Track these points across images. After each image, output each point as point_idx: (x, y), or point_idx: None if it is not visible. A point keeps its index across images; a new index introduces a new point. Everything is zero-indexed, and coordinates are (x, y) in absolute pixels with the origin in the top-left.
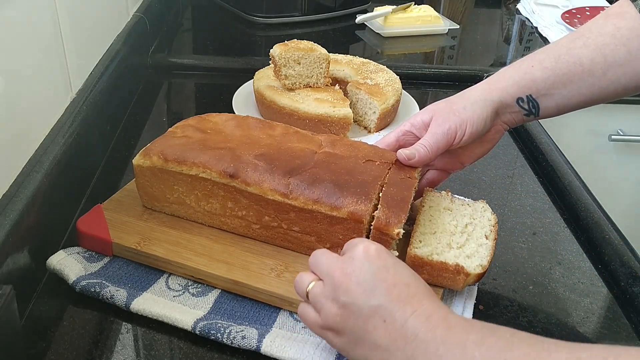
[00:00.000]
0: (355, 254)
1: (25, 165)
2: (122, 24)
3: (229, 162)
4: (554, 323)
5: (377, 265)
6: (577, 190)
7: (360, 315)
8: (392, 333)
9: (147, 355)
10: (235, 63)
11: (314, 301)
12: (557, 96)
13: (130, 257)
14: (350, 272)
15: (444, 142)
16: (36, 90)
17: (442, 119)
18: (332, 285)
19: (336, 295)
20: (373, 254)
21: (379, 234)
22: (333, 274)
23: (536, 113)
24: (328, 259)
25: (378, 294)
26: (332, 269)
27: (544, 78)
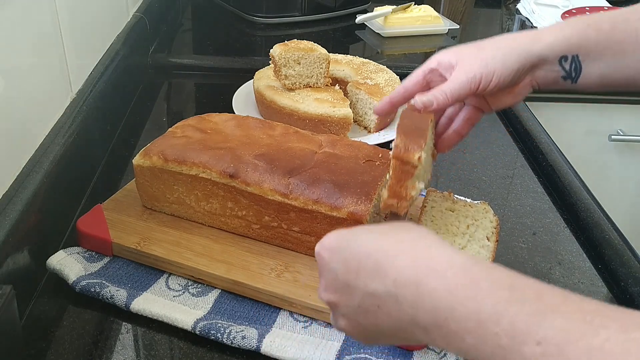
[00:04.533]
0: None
1: (25, 165)
2: (122, 24)
3: (229, 162)
4: None
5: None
6: (577, 190)
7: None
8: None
9: (147, 355)
10: (235, 63)
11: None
12: (604, 64)
13: (130, 257)
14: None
15: (465, 91)
16: (36, 90)
17: (468, 65)
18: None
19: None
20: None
21: (399, 164)
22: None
23: (575, 78)
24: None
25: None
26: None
27: (597, 41)
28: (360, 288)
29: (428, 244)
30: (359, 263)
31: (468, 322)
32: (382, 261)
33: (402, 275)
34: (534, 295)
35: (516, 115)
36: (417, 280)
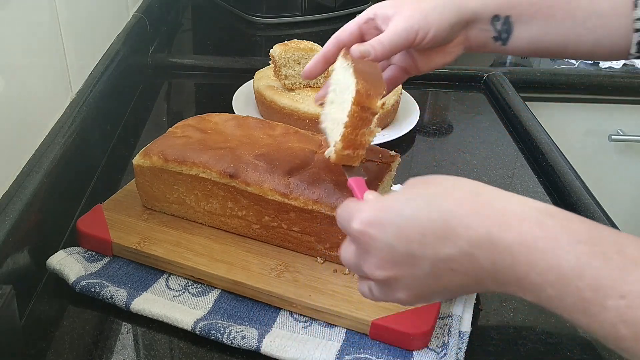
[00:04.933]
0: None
1: (25, 165)
2: (122, 24)
3: (229, 162)
4: (554, 323)
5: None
6: (577, 190)
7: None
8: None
9: (147, 355)
10: (235, 63)
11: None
12: (534, 28)
13: (130, 257)
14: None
15: (402, 41)
16: (36, 90)
17: (407, 15)
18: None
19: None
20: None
21: (359, 111)
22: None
23: (505, 41)
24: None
25: (417, 257)
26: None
27: (530, 3)
28: (429, 255)
29: (492, 197)
30: (423, 230)
31: (549, 275)
32: (450, 223)
33: (475, 233)
34: (615, 249)
35: (516, 115)
36: (492, 237)
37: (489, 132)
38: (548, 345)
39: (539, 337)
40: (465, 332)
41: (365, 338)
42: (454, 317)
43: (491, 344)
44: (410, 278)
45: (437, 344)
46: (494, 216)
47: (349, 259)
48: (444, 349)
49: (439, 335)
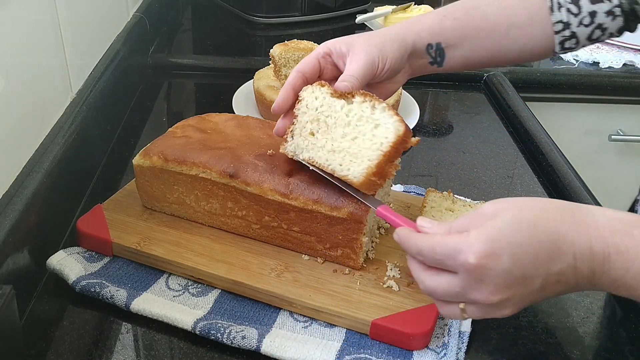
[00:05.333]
0: (472, 273)
1: (25, 165)
2: (122, 24)
3: (229, 162)
4: (554, 323)
5: (504, 263)
6: (577, 190)
7: (535, 296)
8: (569, 282)
9: (147, 355)
10: (235, 63)
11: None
12: (464, 49)
13: (130, 257)
14: (493, 290)
15: (368, 73)
16: (36, 90)
17: (364, 51)
18: (489, 307)
19: (500, 307)
20: (488, 258)
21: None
22: (484, 301)
23: (440, 63)
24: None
25: (532, 275)
26: (478, 298)
27: (454, 28)
28: (541, 274)
29: (582, 213)
30: (535, 253)
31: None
32: (557, 243)
33: (579, 248)
34: None
35: (516, 115)
36: (592, 249)
37: (489, 132)
38: (548, 345)
39: (539, 337)
40: (465, 332)
41: (365, 338)
42: None
43: (491, 344)
44: (521, 296)
45: (437, 344)
46: (590, 231)
47: (450, 290)
48: (444, 349)
49: (439, 335)
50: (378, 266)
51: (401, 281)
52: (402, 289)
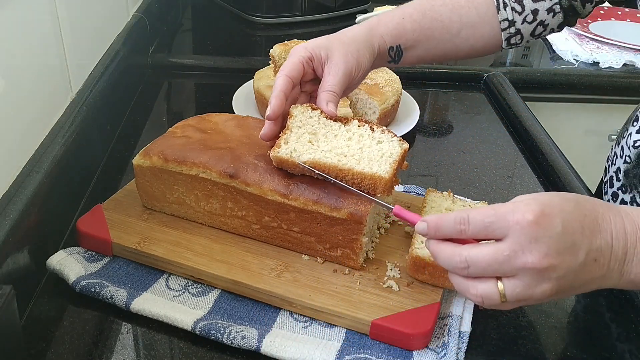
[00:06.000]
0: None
1: (25, 165)
2: (122, 24)
3: (229, 162)
4: (553, 323)
5: (557, 225)
6: (577, 190)
7: (575, 274)
8: (605, 264)
9: (147, 355)
10: (235, 63)
11: (518, 298)
12: (420, 49)
13: (130, 257)
14: (547, 252)
15: (346, 84)
16: (36, 90)
17: (343, 61)
18: (536, 273)
19: (545, 277)
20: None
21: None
22: (533, 264)
23: (397, 61)
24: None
25: (579, 245)
26: (528, 260)
27: (412, 30)
28: (585, 245)
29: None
30: (582, 223)
31: None
32: (597, 219)
33: (615, 227)
34: None
35: (516, 115)
36: (626, 230)
37: (489, 132)
38: (548, 345)
39: (539, 337)
40: (465, 332)
41: (365, 338)
42: (454, 317)
43: (491, 344)
44: (566, 268)
45: (437, 344)
46: (622, 214)
47: (497, 256)
48: (444, 349)
49: (439, 335)
50: (378, 266)
51: (401, 281)
52: (402, 289)
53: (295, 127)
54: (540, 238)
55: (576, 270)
